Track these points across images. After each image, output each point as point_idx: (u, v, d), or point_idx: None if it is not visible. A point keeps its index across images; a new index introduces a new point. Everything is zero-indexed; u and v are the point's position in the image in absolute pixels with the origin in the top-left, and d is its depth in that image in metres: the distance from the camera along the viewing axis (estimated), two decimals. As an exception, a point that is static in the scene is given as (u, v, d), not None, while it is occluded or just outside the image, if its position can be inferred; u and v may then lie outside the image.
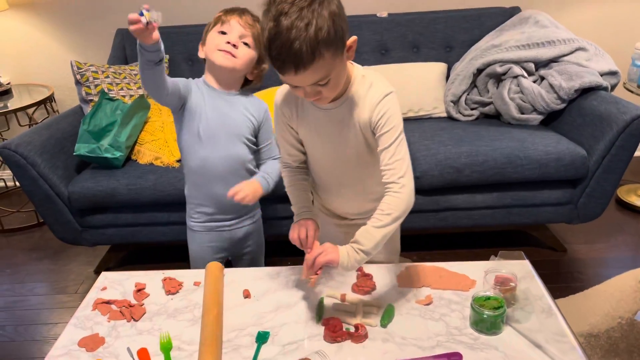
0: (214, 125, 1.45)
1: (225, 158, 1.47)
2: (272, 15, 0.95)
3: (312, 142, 1.23)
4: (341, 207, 1.36)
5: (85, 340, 1.12)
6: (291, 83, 1.03)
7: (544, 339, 1.04)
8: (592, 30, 2.78)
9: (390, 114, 1.10)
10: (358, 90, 1.13)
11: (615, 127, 1.93)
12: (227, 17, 1.42)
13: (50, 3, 2.79)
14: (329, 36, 0.94)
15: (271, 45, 0.95)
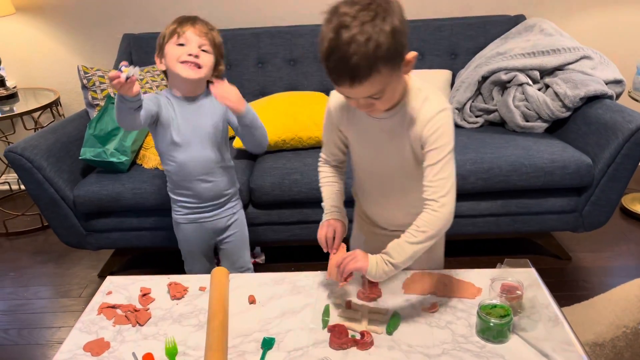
0: (186, 133, 1.53)
1: (200, 160, 1.57)
2: (332, 27, 0.94)
3: (359, 148, 1.23)
4: (381, 217, 1.35)
5: (90, 344, 1.12)
6: (345, 94, 1.03)
7: (551, 347, 1.03)
8: (597, 38, 2.79)
9: (442, 131, 1.08)
10: (412, 102, 1.11)
11: (620, 135, 1.93)
12: (182, 28, 1.47)
13: (57, 8, 2.80)
14: (388, 52, 0.93)
15: (329, 57, 0.95)
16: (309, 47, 2.62)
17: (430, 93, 1.12)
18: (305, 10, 2.79)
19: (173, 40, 1.47)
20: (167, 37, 1.49)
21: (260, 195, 2.09)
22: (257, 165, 2.21)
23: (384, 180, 1.24)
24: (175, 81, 1.52)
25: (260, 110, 2.33)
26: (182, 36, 1.47)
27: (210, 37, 1.50)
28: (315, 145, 2.27)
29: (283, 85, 2.65)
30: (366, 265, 1.09)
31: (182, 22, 1.49)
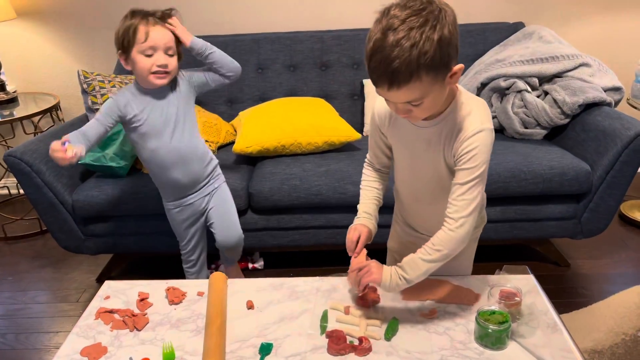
0: (155, 124, 1.63)
1: (171, 149, 1.66)
2: (381, 27, 0.93)
3: (399, 152, 1.24)
4: (413, 220, 1.36)
5: (87, 349, 1.11)
6: (383, 96, 1.03)
7: (550, 354, 1.03)
8: (596, 46, 2.80)
9: (476, 152, 1.06)
10: (454, 116, 1.09)
11: (619, 142, 1.93)
12: (147, 30, 1.53)
13: (57, 12, 2.81)
14: (432, 62, 0.92)
15: (372, 56, 0.95)
16: (308, 53, 2.63)
17: (474, 108, 1.08)
18: (306, 16, 2.80)
19: (140, 48, 1.53)
20: (132, 37, 1.53)
21: (259, 200, 2.09)
22: (257, 170, 2.22)
23: (417, 186, 1.24)
24: (144, 83, 1.61)
25: (259, 115, 2.34)
26: (148, 41, 1.52)
27: (172, 30, 1.59)
28: (315, 151, 2.27)
29: (283, 91, 2.65)
30: (379, 278, 1.11)
31: (143, 20, 1.54)
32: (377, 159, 1.31)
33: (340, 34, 2.64)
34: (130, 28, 1.54)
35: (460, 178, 1.08)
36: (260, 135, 2.22)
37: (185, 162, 1.69)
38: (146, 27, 1.53)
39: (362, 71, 2.65)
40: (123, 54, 1.58)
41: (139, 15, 1.55)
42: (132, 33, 1.53)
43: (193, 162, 1.71)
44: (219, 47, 2.60)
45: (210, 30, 2.78)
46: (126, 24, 1.55)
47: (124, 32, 1.55)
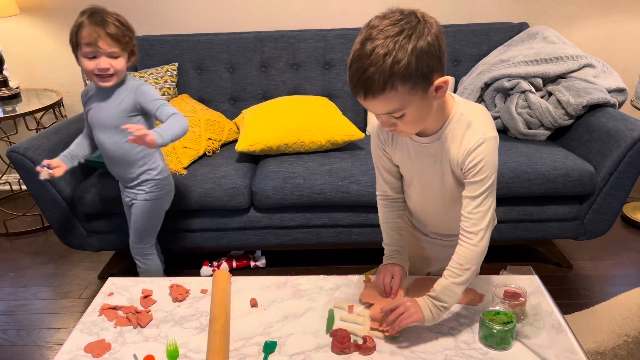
0: (94, 119, 1.71)
1: (102, 145, 1.74)
2: (361, 38, 0.94)
3: (405, 167, 1.21)
4: (423, 226, 1.35)
5: (91, 345, 1.11)
6: (365, 107, 1.02)
7: (554, 355, 1.03)
8: (600, 47, 2.80)
9: (484, 164, 1.05)
10: (455, 129, 1.08)
11: (623, 144, 1.93)
12: (90, 35, 1.52)
13: (61, 9, 2.81)
14: (406, 71, 0.91)
15: (351, 65, 0.95)
16: (312, 52, 2.63)
17: (474, 119, 1.07)
18: (309, 14, 2.79)
19: (84, 50, 1.55)
20: (74, 34, 1.55)
21: (261, 198, 2.08)
22: (259, 169, 2.21)
23: (426, 199, 1.23)
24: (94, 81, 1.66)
25: (262, 114, 2.34)
26: (91, 46, 1.53)
27: (118, 34, 1.56)
28: (318, 150, 2.27)
29: (286, 89, 2.65)
30: (421, 317, 1.08)
31: (90, 23, 1.53)
32: (389, 184, 1.26)
33: (344, 33, 2.63)
34: (77, 32, 1.56)
35: (471, 191, 1.08)
36: (263, 133, 2.22)
37: (112, 161, 1.77)
38: (93, 37, 1.53)
39: (365, 70, 2.63)
40: (74, 51, 1.60)
41: (86, 14, 1.56)
42: (77, 33, 1.55)
43: (119, 164, 1.77)
44: (222, 46, 2.62)
45: (214, 28, 2.78)
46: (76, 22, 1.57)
47: (72, 31, 1.57)
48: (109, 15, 1.57)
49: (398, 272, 1.21)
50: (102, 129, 1.70)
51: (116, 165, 1.79)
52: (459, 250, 1.10)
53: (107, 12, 1.57)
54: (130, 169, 1.76)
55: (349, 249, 2.35)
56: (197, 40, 2.64)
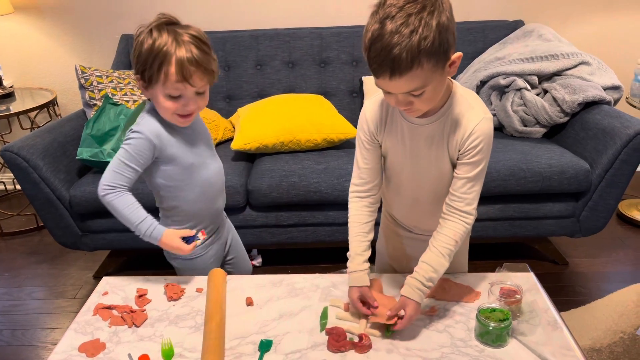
0: (193, 159, 1.31)
1: (216, 174, 1.40)
2: (378, 18, 0.92)
3: (396, 154, 1.19)
4: (410, 220, 1.33)
5: (85, 345, 1.10)
6: (384, 88, 1.00)
7: (550, 352, 1.03)
8: (595, 44, 2.80)
9: (483, 145, 1.07)
10: (456, 109, 1.08)
11: (618, 141, 1.93)
12: (184, 74, 1.15)
13: (56, 7, 2.79)
14: (432, 47, 0.91)
15: (371, 46, 0.93)
16: (307, 50, 2.62)
17: (472, 100, 1.10)
18: (304, 12, 2.79)
19: (166, 88, 1.17)
20: (153, 73, 1.15)
21: (257, 197, 2.08)
22: (255, 167, 2.21)
23: (419, 185, 1.21)
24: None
25: (258, 112, 2.34)
26: (179, 89, 1.17)
27: (212, 72, 1.21)
28: (314, 148, 2.26)
29: (281, 88, 2.64)
30: (418, 308, 1.10)
31: (181, 66, 1.14)
32: (368, 177, 1.20)
33: (340, 31, 2.63)
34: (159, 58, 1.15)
35: (468, 171, 1.09)
36: (258, 132, 2.21)
37: (218, 192, 1.44)
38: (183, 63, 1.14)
39: (361, 68, 2.64)
40: (143, 77, 1.20)
41: (168, 38, 1.15)
42: (163, 68, 1.15)
43: (223, 191, 1.48)
44: (218, 44, 2.61)
45: (208, 27, 2.77)
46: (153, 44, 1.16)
47: (147, 54, 1.16)
48: (197, 39, 1.17)
49: (365, 291, 1.14)
50: (202, 164, 1.34)
51: (221, 196, 1.44)
52: (454, 227, 1.11)
53: (191, 34, 1.17)
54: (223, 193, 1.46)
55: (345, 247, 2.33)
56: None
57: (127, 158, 1.23)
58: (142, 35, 1.17)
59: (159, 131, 1.24)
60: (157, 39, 1.15)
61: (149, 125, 1.24)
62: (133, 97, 2.36)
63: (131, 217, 1.25)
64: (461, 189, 1.10)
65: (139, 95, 2.37)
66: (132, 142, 1.23)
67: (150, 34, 1.16)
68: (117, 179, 1.24)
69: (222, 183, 1.44)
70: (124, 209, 1.25)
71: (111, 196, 1.24)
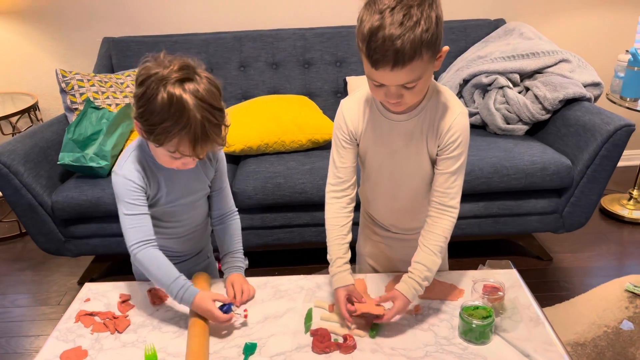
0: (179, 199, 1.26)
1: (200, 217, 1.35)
2: (377, 8, 0.93)
3: (375, 152, 1.19)
4: (389, 219, 1.33)
5: (67, 353, 1.09)
6: (380, 80, 0.99)
7: (533, 348, 1.04)
8: (576, 42, 2.83)
9: (462, 139, 1.09)
10: (433, 105, 1.10)
11: (599, 137, 1.96)
12: (183, 151, 1.07)
13: (35, 11, 2.76)
14: (431, 39, 0.93)
15: (372, 37, 0.93)
16: (291, 51, 2.62)
17: (449, 96, 1.12)
18: (288, 13, 2.78)
19: (166, 149, 1.08)
20: (164, 136, 1.05)
21: (243, 199, 2.07)
22: (240, 169, 2.20)
23: (398, 182, 1.22)
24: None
25: (242, 114, 2.33)
26: (178, 153, 1.08)
27: (223, 140, 1.12)
28: (298, 149, 2.26)
29: (265, 89, 2.64)
30: (407, 305, 1.11)
31: (184, 144, 1.05)
32: (345, 176, 1.19)
33: (323, 31, 2.63)
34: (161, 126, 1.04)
35: (448, 167, 1.11)
36: (243, 133, 2.21)
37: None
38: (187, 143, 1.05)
39: (345, 68, 2.64)
40: (140, 125, 1.09)
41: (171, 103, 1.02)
42: (163, 135, 1.05)
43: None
44: (201, 46, 2.60)
45: (192, 29, 2.76)
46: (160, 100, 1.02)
47: (152, 112, 1.04)
48: (211, 108, 1.04)
49: (354, 290, 1.14)
50: (178, 211, 1.28)
51: (201, 238, 1.42)
52: (443, 224, 1.13)
53: (210, 104, 1.04)
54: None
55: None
56: (175, 41, 2.62)
57: (128, 209, 1.16)
58: (155, 81, 1.02)
59: (139, 174, 1.16)
60: (173, 102, 1.01)
61: (129, 170, 1.16)
62: (115, 100, 2.33)
63: (162, 277, 1.14)
64: (444, 184, 1.12)
65: (121, 98, 2.35)
66: (120, 191, 1.16)
67: (165, 88, 1.02)
68: (136, 236, 1.16)
69: (201, 230, 1.37)
70: (151, 266, 1.15)
71: (140, 255, 1.15)
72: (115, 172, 1.18)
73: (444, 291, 1.23)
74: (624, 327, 1.87)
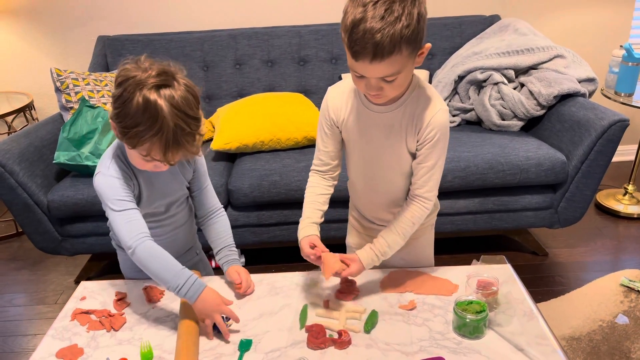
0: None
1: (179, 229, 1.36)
2: (361, 1, 0.95)
3: (355, 143, 1.22)
4: (368, 211, 1.35)
5: (63, 351, 1.10)
6: (360, 72, 1.01)
7: (526, 342, 1.05)
8: (570, 37, 2.84)
9: (441, 134, 1.12)
10: (414, 100, 1.12)
11: (593, 132, 1.97)
12: (154, 155, 1.08)
13: (30, 10, 2.75)
14: (412, 35, 0.95)
15: (354, 28, 0.95)
16: (286, 48, 2.62)
17: (430, 92, 1.14)
18: (282, 11, 2.78)
19: (138, 151, 1.09)
20: (136, 139, 1.05)
21: (238, 197, 2.07)
22: (236, 167, 2.20)
23: (375, 176, 1.24)
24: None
25: (238, 111, 2.33)
26: (151, 157, 1.09)
27: (196, 148, 1.12)
28: (294, 147, 2.26)
29: (261, 87, 2.64)
30: (361, 270, 1.19)
31: (155, 148, 1.06)
32: (327, 159, 1.24)
33: (318, 29, 2.63)
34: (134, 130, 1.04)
35: (429, 159, 1.14)
36: (239, 131, 2.21)
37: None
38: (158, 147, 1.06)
39: (340, 65, 2.64)
40: (116, 128, 1.09)
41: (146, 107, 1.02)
42: (134, 138, 1.05)
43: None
44: (196, 44, 2.60)
45: (187, 27, 2.75)
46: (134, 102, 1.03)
47: (125, 116, 1.05)
48: (184, 116, 1.05)
49: (315, 239, 1.21)
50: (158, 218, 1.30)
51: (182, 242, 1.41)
52: (414, 211, 1.18)
53: (185, 112, 1.05)
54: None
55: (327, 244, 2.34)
56: (170, 39, 2.61)
57: (117, 206, 1.14)
58: (133, 84, 1.03)
59: (124, 173, 1.17)
60: (148, 107, 1.02)
61: (114, 169, 1.16)
62: (110, 99, 2.33)
63: (163, 271, 1.13)
64: (422, 178, 1.16)
65: (116, 97, 2.35)
66: (105, 191, 1.15)
67: (142, 92, 1.02)
68: (131, 231, 1.13)
69: (185, 230, 1.37)
70: (152, 260, 1.13)
71: (139, 249, 1.12)
72: (100, 173, 1.17)
73: (439, 286, 1.23)
74: (619, 321, 1.88)
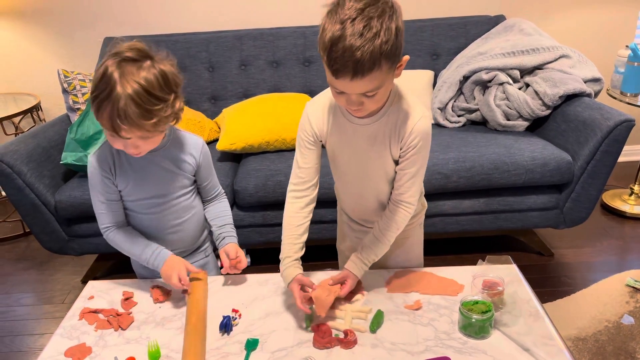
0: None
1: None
2: (339, 18, 0.94)
3: (340, 153, 1.22)
4: (357, 214, 1.36)
5: (71, 350, 1.11)
6: (341, 89, 1.01)
7: (532, 342, 1.05)
8: (576, 37, 2.83)
9: (422, 142, 1.12)
10: (396, 109, 1.13)
11: (599, 132, 1.96)
12: (108, 125, 1.07)
13: (37, 11, 2.77)
14: (391, 50, 0.95)
15: (333, 47, 0.94)
16: (291, 49, 2.62)
17: (411, 100, 1.14)
18: (288, 12, 2.79)
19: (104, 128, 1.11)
20: (95, 109, 1.07)
21: (244, 197, 2.08)
22: (241, 167, 2.21)
23: (364, 182, 1.24)
24: None
25: (243, 112, 2.34)
26: (116, 138, 1.11)
27: (147, 128, 1.09)
28: (299, 147, 2.27)
29: (266, 87, 2.64)
30: (357, 280, 1.20)
31: (106, 116, 1.06)
32: (307, 176, 1.22)
33: (323, 29, 2.63)
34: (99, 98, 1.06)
35: (411, 165, 1.15)
36: (244, 132, 2.22)
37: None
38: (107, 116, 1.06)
39: (345, 66, 2.64)
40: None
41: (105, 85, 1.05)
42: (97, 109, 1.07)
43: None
44: (201, 45, 2.61)
45: (192, 28, 2.76)
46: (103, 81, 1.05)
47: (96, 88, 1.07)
48: (143, 92, 1.05)
49: (305, 280, 1.18)
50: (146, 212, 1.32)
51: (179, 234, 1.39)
52: (398, 216, 1.20)
53: (140, 84, 1.05)
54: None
55: (332, 245, 2.35)
56: (176, 40, 2.63)
57: (98, 195, 1.26)
58: (108, 58, 1.07)
59: (107, 160, 1.21)
60: (107, 77, 1.05)
61: (98, 154, 1.22)
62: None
63: (134, 249, 1.30)
64: (406, 184, 1.17)
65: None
66: (90, 176, 1.25)
67: (107, 63, 1.06)
68: (104, 220, 1.29)
69: (190, 228, 1.38)
70: (123, 242, 1.30)
71: (110, 235, 1.30)
72: (90, 154, 1.27)
73: (444, 286, 1.24)
74: (625, 322, 1.88)
